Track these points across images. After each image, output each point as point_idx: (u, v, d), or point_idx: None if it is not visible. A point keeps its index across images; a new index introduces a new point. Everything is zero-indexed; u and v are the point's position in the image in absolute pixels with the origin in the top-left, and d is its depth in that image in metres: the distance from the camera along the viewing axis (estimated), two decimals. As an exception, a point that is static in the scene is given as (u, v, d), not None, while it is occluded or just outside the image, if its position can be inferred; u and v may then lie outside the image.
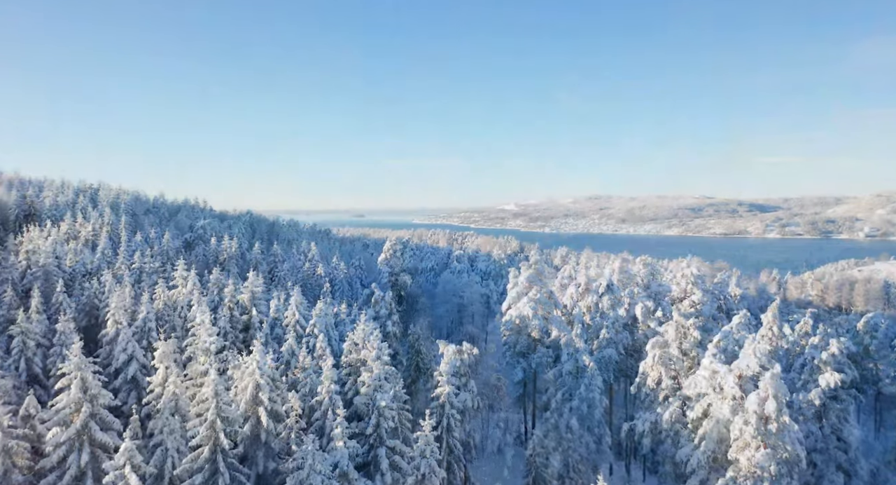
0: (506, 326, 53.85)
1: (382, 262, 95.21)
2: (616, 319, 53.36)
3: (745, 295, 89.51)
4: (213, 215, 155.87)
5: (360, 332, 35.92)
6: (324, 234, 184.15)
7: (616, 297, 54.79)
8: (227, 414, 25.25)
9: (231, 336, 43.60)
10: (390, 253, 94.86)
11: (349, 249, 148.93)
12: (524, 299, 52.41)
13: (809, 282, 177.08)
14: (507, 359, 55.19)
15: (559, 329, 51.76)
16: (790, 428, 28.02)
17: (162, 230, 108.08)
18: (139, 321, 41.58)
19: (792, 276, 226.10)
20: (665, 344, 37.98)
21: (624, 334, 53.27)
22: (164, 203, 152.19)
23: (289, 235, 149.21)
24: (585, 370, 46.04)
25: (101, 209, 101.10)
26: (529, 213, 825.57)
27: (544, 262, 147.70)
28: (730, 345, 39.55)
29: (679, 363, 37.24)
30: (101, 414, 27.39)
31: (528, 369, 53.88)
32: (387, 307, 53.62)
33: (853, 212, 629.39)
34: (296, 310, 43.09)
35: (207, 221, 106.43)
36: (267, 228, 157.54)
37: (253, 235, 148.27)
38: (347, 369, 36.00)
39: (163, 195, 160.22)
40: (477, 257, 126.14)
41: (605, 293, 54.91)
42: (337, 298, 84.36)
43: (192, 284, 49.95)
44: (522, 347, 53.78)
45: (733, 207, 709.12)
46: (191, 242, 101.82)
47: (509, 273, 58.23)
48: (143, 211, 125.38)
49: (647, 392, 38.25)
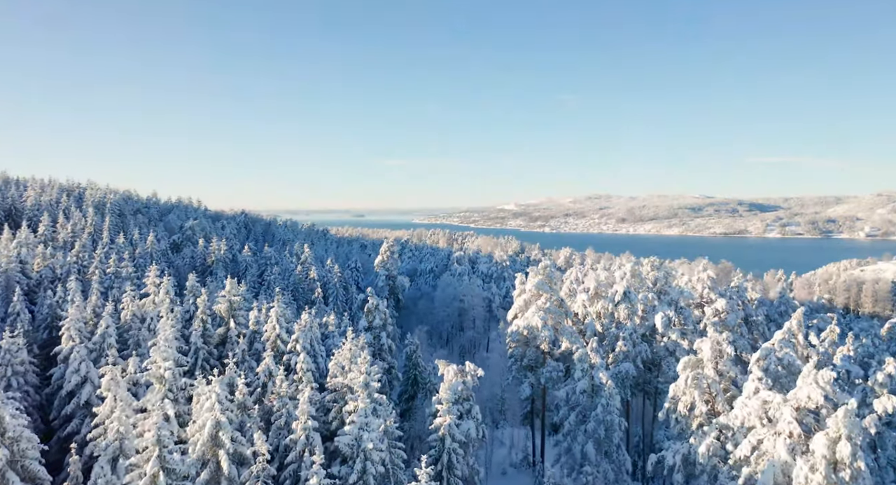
0: (512, 338, 48.59)
1: (379, 264, 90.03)
2: (634, 330, 48.10)
3: (763, 300, 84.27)
4: (207, 215, 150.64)
5: (347, 351, 30.72)
6: (321, 234, 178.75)
7: (633, 306, 49.53)
8: (174, 466, 19.97)
9: (203, 353, 38.33)
10: (387, 255, 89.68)
11: (346, 250, 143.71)
12: (532, 308, 47.15)
13: (817, 283, 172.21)
14: (512, 373, 49.94)
15: (571, 341, 46.52)
16: (865, 476, 22.87)
17: (150, 231, 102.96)
18: (97, 337, 36.32)
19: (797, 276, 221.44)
20: (698, 363, 32.83)
21: (642, 347, 48.03)
22: (157, 203, 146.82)
23: (284, 235, 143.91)
24: (602, 389, 40.81)
25: (85, 210, 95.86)
26: (529, 212, 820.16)
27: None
28: (771, 364, 34.34)
29: (715, 386, 32.11)
30: (23, 462, 22.14)
31: (536, 384, 48.63)
32: (381, 317, 48.41)
33: (853, 211, 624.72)
34: (276, 323, 37.80)
35: (196, 222, 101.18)
36: (262, 229, 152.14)
37: (248, 235, 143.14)
38: (332, 394, 30.79)
39: (155, 195, 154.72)
40: (478, 259, 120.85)
41: (621, 302, 49.67)
42: (331, 305, 79.21)
43: (164, 292, 44.67)
44: (530, 361, 48.53)
45: (733, 206, 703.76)
46: (179, 244, 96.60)
47: (515, 279, 53.00)
48: (132, 211, 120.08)
49: (677, 418, 33.14)
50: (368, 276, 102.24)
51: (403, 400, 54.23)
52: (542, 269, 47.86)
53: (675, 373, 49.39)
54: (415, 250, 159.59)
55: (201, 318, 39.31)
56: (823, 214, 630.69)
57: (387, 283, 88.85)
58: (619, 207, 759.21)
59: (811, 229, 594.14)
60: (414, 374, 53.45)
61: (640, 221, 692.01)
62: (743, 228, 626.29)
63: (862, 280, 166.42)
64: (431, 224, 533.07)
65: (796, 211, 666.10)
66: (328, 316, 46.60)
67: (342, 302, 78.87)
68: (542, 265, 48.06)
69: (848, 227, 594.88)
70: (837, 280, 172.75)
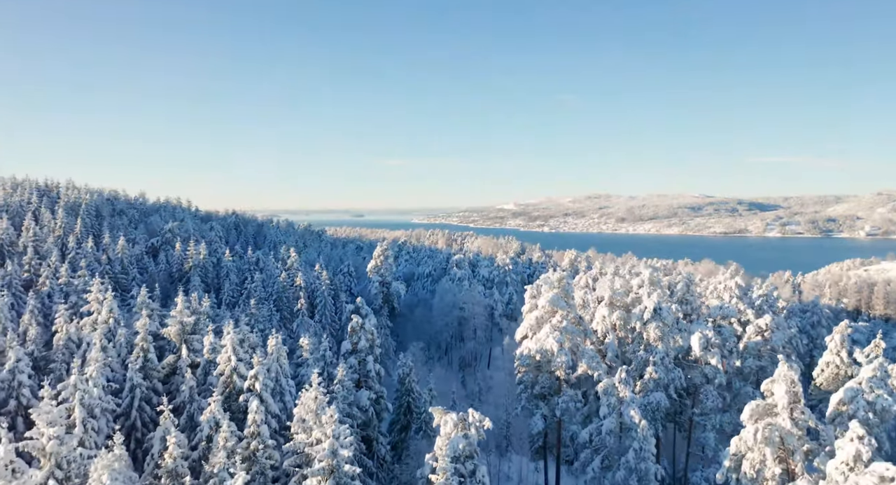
0: (521, 361, 40.89)
1: (372, 270, 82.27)
2: (666, 354, 40.39)
3: (793, 309, 76.62)
4: (198, 217, 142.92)
5: (311, 401, 22.99)
6: (315, 235, 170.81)
7: (666, 324, 41.83)
8: None
9: (142, 391, 30.55)
10: (380, 260, 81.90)
11: (340, 252, 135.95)
12: (546, 328, 39.46)
13: (827, 285, 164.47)
14: (522, 402, 42.23)
15: (592, 367, 38.87)
16: None
17: (126, 235, 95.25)
18: (4, 373, 28.59)
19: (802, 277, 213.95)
20: (769, 410, 25.23)
21: (676, 373, 40.31)
22: (144, 204, 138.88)
23: (276, 237, 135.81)
24: (634, 430, 33.14)
25: (56, 211, 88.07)
26: (529, 212, 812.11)
27: (551, 266, 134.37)
28: (860, 410, 26.65)
29: (791, 440, 24.53)
30: None
31: (550, 416, 40.96)
32: (367, 338, 40.65)
33: (854, 210, 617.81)
34: (232, 354, 30.04)
35: (177, 223, 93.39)
36: (254, 230, 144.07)
37: (238, 237, 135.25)
38: (292, 457, 23.07)
39: (143, 195, 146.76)
40: (479, 262, 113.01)
41: (651, 319, 41.95)
42: (318, 315, 71.50)
43: (108, 310, 36.95)
44: (543, 389, 40.87)
45: (733, 205, 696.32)
46: (158, 249, 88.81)
47: (525, 293, 45.43)
48: (113, 213, 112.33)
49: (740, 481, 25.55)
50: (362, 281, 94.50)
51: (395, 431, 46.57)
52: (558, 281, 40.15)
53: (713, 403, 41.86)
54: (412, 252, 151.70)
55: (141, 346, 31.52)
56: (823, 214, 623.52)
57: (380, 290, 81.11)
58: (619, 207, 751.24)
59: (811, 229, 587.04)
60: (407, 401, 45.79)
61: (640, 220, 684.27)
62: (743, 228, 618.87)
63: (873, 281, 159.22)
64: (431, 224, 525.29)
65: (796, 210, 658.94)
66: (304, 338, 38.80)
67: (331, 312, 71.13)
68: (557, 277, 40.35)
69: (848, 226, 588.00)
70: (847, 282, 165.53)
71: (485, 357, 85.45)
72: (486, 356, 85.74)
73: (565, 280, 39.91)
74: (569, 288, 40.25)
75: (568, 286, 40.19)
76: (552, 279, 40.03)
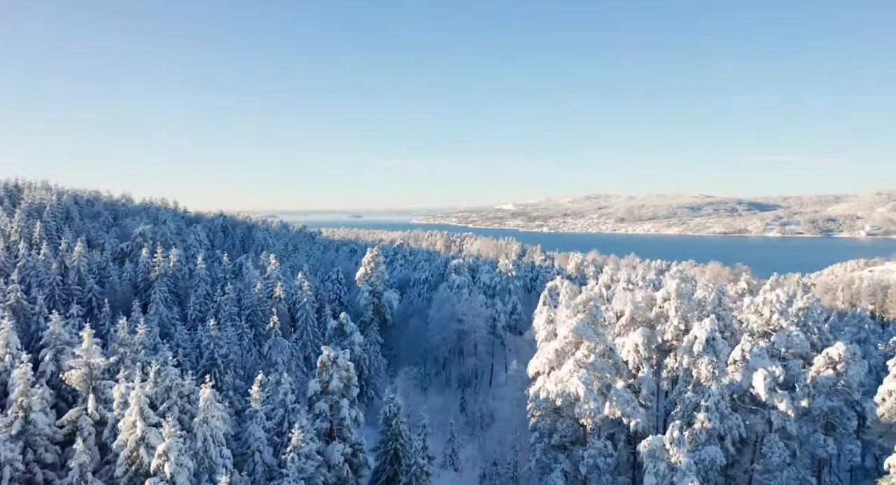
0: (536, 404, 32.09)
1: (361, 278, 73.38)
2: (722, 396, 31.49)
3: (836, 324, 67.92)
4: (183, 218, 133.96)
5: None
6: (308, 238, 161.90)
7: (720, 359, 32.97)
8: None
9: (13, 471, 21.59)
10: (370, 267, 73.00)
11: (332, 256, 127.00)
12: (569, 364, 30.61)
13: (839, 287, 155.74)
14: (536, 454, 33.37)
15: (627, 413, 30.08)
16: None
17: (99, 239, 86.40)
18: None
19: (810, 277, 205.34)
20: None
21: (734, 420, 31.44)
22: (126, 205, 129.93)
23: (265, 240, 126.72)
24: (692, 509, 24.33)
25: (14, 213, 79.13)
26: (528, 212, 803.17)
27: (555, 271, 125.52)
28: None
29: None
30: None
31: (572, 473, 32.11)
32: (341, 376, 31.76)
33: (853, 210, 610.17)
34: (138, 417, 21.10)
35: (149, 226, 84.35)
36: (243, 233, 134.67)
37: (225, 240, 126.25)
38: None
39: (127, 196, 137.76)
40: (479, 268, 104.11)
41: (703, 353, 33.08)
42: (299, 331, 62.59)
43: (3, 343, 28.04)
44: (564, 438, 32.07)
45: (732, 205, 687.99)
46: (126, 255, 79.83)
47: (536, 316, 36.81)
48: (84, 215, 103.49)
49: None
50: (354, 288, 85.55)
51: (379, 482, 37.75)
52: (583, 304, 31.26)
53: (779, 457, 33.09)
54: (409, 256, 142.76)
55: (20, 402, 22.62)
56: (823, 213, 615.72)
57: (370, 300, 72.21)
58: (618, 207, 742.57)
59: (811, 228, 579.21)
60: (395, 448, 36.88)
61: (639, 220, 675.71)
62: (742, 228, 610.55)
63: (886, 284, 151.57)
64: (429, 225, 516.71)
65: (795, 210, 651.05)
66: (255, 385, 29.76)
67: (313, 327, 62.12)
68: (583, 299, 31.48)
69: (848, 226, 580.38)
70: (860, 285, 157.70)
71: (487, 374, 76.66)
72: (489, 373, 76.97)
73: (591, 302, 31.00)
74: (596, 312, 31.36)
75: (595, 310, 31.32)
76: (575, 301, 31.23)
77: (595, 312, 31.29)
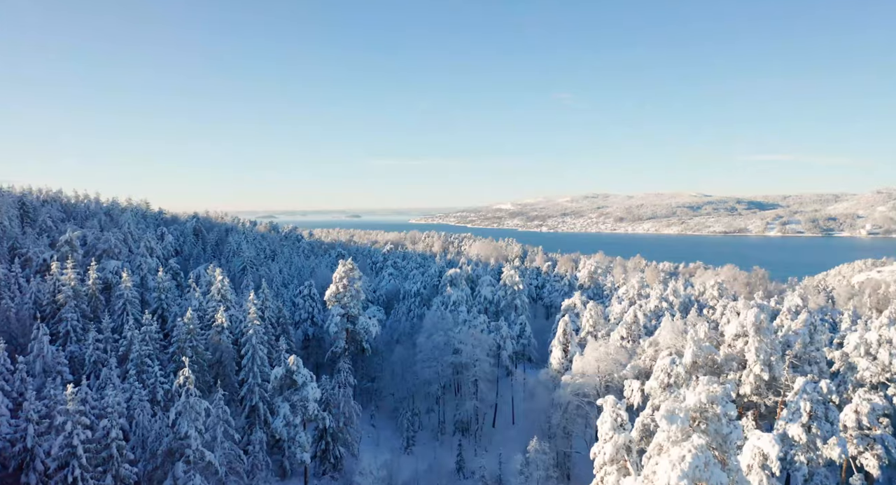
0: None
1: (331, 298, 57.28)
2: None
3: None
4: (158, 220, 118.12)
5: None
6: (292, 241, 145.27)
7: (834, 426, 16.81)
8: None
9: None
10: (343, 283, 56.94)
11: (314, 263, 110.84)
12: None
13: (866, 292, 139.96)
14: None
15: None
16: None
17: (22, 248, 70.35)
18: None
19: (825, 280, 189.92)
20: None
21: None
22: (89, 206, 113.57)
23: (238, 246, 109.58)
24: None
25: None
26: (527, 212, 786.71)
27: (566, 282, 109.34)
28: None
29: None
30: None
31: None
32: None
33: (853, 209, 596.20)
34: None
35: (77, 233, 68.23)
36: (217, 237, 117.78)
37: (195, 246, 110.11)
38: None
39: (90, 197, 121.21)
40: (479, 279, 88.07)
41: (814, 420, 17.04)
42: (244, 372, 46.45)
43: None
44: None
45: (732, 205, 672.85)
46: (45, 269, 63.71)
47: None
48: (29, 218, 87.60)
49: None
50: (329, 306, 69.46)
51: None
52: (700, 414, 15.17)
53: None
54: (401, 261, 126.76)
55: None
56: (823, 212, 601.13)
57: (343, 327, 56.12)
58: (617, 206, 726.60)
59: (812, 227, 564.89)
60: None
61: (639, 219, 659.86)
62: (743, 227, 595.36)
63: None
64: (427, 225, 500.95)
65: (795, 209, 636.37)
66: None
67: (261, 369, 45.80)
68: (694, 404, 15.38)
69: (849, 225, 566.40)
70: (887, 289, 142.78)
71: (490, 415, 60.77)
72: (492, 413, 61.08)
73: (718, 408, 14.93)
74: (730, 432, 15.23)
75: (728, 428, 15.18)
76: (682, 408, 15.05)
77: (726, 429, 15.34)
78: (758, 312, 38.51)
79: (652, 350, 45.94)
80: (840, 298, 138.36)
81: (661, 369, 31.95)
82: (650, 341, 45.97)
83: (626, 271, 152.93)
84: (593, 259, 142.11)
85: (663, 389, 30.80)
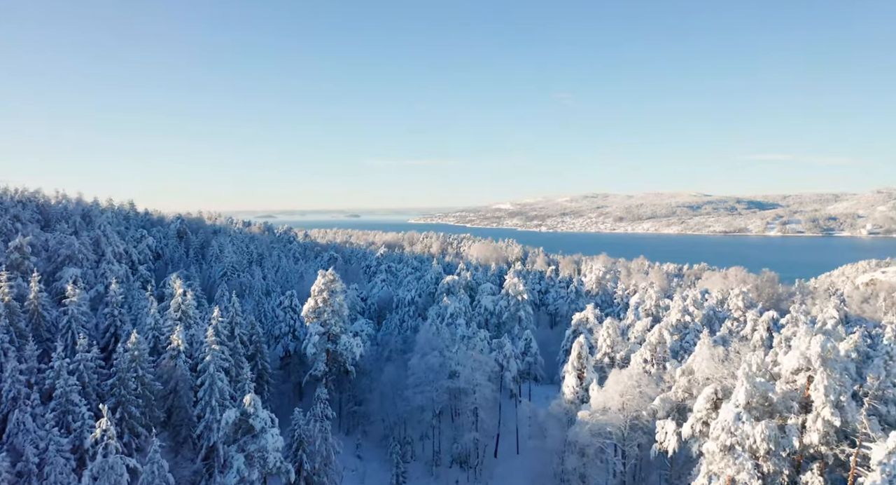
0: None
1: (309, 313, 49.45)
2: None
3: None
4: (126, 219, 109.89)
5: None
6: (284, 243, 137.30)
7: None
8: None
9: None
10: (323, 297, 49.15)
11: (303, 267, 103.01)
12: None
13: (881, 296, 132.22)
14: None
15: None
16: None
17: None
18: None
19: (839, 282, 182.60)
20: None
21: None
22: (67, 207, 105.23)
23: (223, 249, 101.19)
24: None
25: None
26: (526, 212, 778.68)
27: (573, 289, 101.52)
28: None
29: None
30: None
31: None
32: None
33: (854, 209, 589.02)
34: None
35: (28, 238, 60.28)
36: (204, 239, 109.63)
37: (177, 249, 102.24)
38: None
39: (70, 197, 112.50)
40: (480, 286, 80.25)
41: None
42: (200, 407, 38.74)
43: None
44: None
45: (732, 204, 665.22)
46: None
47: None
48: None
49: None
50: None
51: None
52: None
53: None
54: (396, 264, 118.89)
55: None
56: (823, 212, 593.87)
57: (322, 348, 48.36)
58: (617, 206, 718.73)
59: (812, 227, 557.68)
60: None
61: (638, 219, 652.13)
62: (743, 227, 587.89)
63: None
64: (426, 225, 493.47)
65: (795, 209, 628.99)
66: None
67: (220, 403, 38.07)
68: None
69: (849, 224, 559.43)
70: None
71: (491, 445, 53.04)
72: (493, 443, 53.36)
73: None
74: None
75: None
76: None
77: None
78: (824, 340, 30.82)
79: (685, 380, 38.22)
80: (852, 301, 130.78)
81: (723, 427, 24.27)
82: (682, 370, 38.23)
83: (630, 274, 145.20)
84: (598, 263, 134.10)
85: (724, 452, 23.18)
